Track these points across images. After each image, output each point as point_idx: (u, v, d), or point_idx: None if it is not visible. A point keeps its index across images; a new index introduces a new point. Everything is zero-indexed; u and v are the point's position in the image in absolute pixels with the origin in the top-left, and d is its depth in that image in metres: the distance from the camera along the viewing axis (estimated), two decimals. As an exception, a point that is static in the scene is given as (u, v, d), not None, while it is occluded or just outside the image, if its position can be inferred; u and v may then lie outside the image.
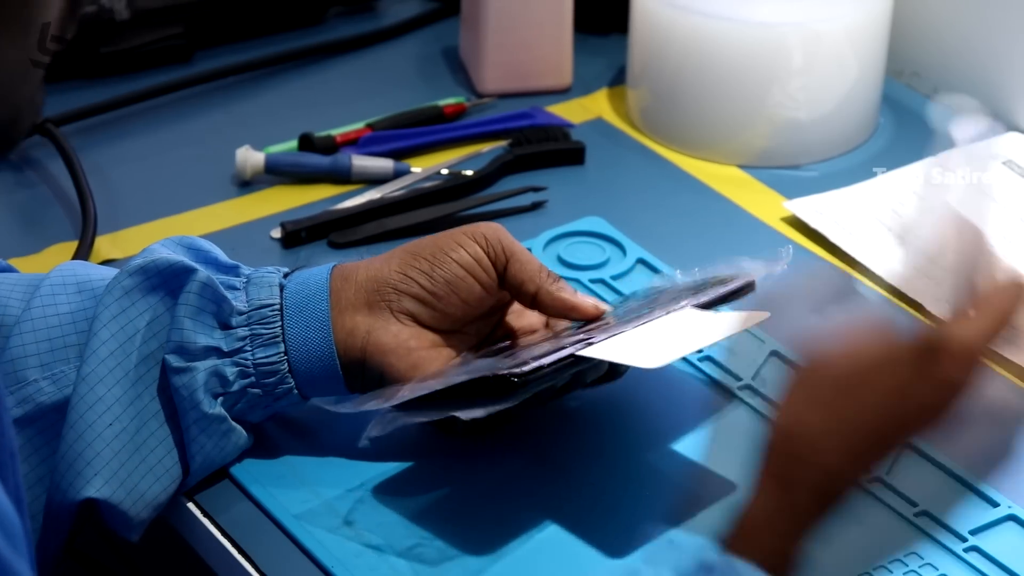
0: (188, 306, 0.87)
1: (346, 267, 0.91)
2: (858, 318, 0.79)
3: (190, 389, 0.87)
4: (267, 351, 0.88)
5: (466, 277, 0.89)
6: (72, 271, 0.90)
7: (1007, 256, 1.09)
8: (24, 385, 0.87)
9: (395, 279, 0.89)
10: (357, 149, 1.19)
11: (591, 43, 1.32)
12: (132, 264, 0.88)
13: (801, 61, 1.17)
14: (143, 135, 1.22)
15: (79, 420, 0.86)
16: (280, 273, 0.91)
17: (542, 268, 0.90)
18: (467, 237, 0.90)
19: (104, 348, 0.87)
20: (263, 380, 0.88)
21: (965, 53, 1.25)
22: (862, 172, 1.18)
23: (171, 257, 0.88)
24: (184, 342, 0.87)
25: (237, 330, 0.88)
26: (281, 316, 0.88)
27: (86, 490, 0.86)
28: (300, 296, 0.89)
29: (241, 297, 0.89)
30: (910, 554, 0.88)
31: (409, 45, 1.34)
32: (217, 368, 0.87)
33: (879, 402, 0.76)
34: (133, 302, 0.88)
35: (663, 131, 1.22)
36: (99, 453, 0.86)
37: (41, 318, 0.88)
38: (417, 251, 0.90)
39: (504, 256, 0.89)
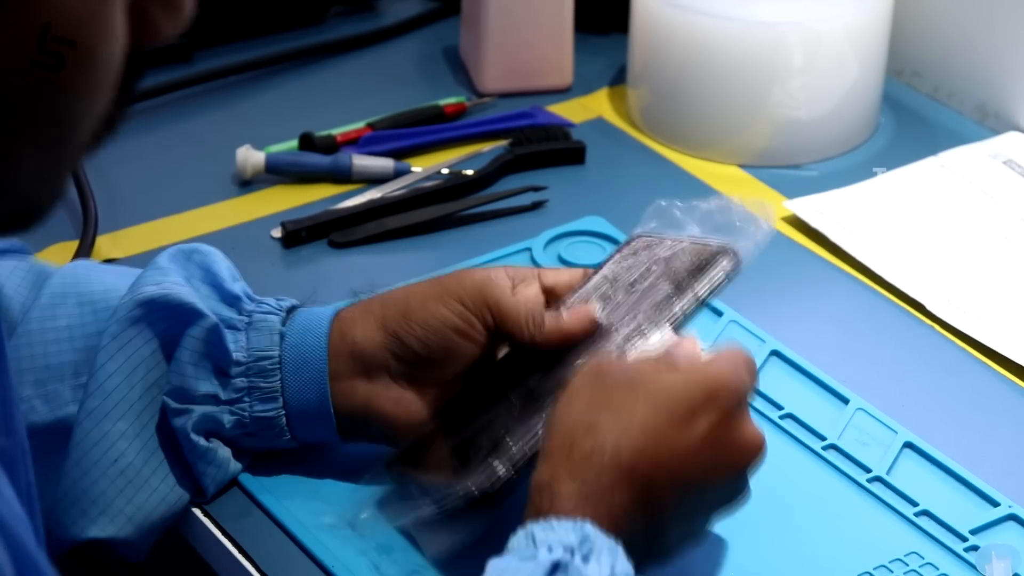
0: (192, 352, 0.86)
1: (343, 321, 0.88)
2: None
3: (186, 430, 0.86)
4: (265, 405, 0.87)
5: (455, 337, 0.87)
6: (74, 279, 0.89)
7: (1007, 256, 1.09)
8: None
9: (388, 343, 0.87)
10: (358, 148, 1.19)
11: (591, 42, 1.32)
12: (142, 293, 0.87)
13: (801, 60, 1.17)
14: (144, 134, 1.22)
15: (84, 457, 0.85)
16: (280, 314, 0.89)
17: (527, 317, 0.88)
18: (451, 297, 0.87)
19: (110, 382, 0.86)
20: (260, 431, 0.88)
21: (965, 52, 1.25)
22: (862, 172, 1.18)
23: (181, 295, 0.87)
24: (184, 387, 0.86)
25: (235, 380, 0.87)
26: (280, 369, 0.87)
27: (91, 530, 0.85)
28: (299, 350, 0.88)
29: (241, 341, 0.87)
30: (910, 553, 0.88)
31: (409, 44, 1.34)
32: (214, 414, 0.87)
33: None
34: (139, 332, 0.87)
35: (664, 130, 1.22)
36: (104, 492, 0.85)
37: (38, 331, 0.87)
38: (405, 311, 0.88)
39: (490, 315, 0.88)
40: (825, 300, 1.08)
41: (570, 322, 0.87)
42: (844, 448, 0.94)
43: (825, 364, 0.99)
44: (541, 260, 1.07)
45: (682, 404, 0.78)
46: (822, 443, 0.94)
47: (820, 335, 1.03)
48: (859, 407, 0.96)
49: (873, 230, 1.12)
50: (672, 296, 0.88)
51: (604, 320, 0.88)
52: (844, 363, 1.00)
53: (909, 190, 1.16)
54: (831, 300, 1.08)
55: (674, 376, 0.79)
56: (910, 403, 0.98)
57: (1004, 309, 1.05)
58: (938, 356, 1.02)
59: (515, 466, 0.83)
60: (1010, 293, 1.06)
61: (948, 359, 1.02)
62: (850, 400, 0.97)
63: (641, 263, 0.90)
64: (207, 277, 0.90)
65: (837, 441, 0.94)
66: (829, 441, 0.94)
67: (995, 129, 1.23)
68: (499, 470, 0.82)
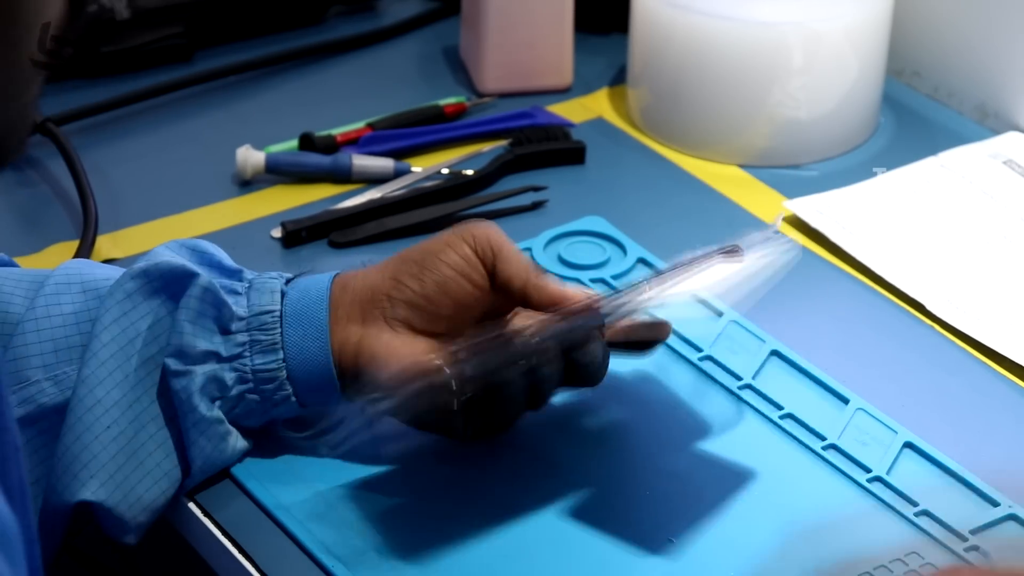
0: (189, 310, 0.87)
1: (346, 276, 0.91)
2: None
3: (188, 392, 0.87)
4: (266, 358, 0.88)
5: (456, 278, 0.89)
6: (77, 270, 0.90)
7: (1007, 256, 1.09)
8: (26, 385, 0.87)
9: (387, 286, 0.89)
10: (357, 148, 1.19)
11: (591, 42, 1.32)
12: (135, 267, 0.88)
13: (801, 60, 1.17)
14: (144, 134, 1.23)
15: (77, 422, 0.86)
16: (283, 279, 0.91)
17: (530, 264, 0.90)
18: (456, 237, 0.90)
19: (105, 351, 0.87)
20: (261, 386, 0.88)
21: (966, 52, 1.25)
22: (862, 171, 1.18)
23: (174, 261, 0.88)
24: (183, 346, 0.87)
25: (236, 335, 0.88)
26: (281, 323, 0.88)
27: (81, 493, 0.86)
28: (300, 304, 0.89)
29: (242, 302, 0.89)
30: (910, 554, 0.88)
31: (409, 44, 1.34)
32: (215, 372, 0.87)
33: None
34: (135, 305, 0.88)
35: (664, 130, 1.22)
36: (96, 456, 0.86)
37: (45, 318, 0.88)
38: (408, 256, 0.90)
39: (491, 253, 0.89)
40: (825, 300, 1.08)
41: (568, 289, 0.89)
42: (844, 448, 0.94)
43: (825, 364, 0.99)
44: (541, 260, 1.07)
45: None
46: (822, 443, 0.94)
47: (820, 335, 1.03)
48: (859, 407, 0.96)
49: (873, 230, 1.12)
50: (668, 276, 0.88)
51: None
52: (844, 363, 1.00)
53: (909, 190, 1.16)
54: (831, 300, 1.08)
55: None
56: (910, 403, 0.98)
57: (1004, 309, 1.05)
58: (938, 356, 1.02)
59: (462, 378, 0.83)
60: (1010, 293, 1.06)
61: (948, 359, 1.02)
62: (850, 400, 0.97)
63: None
64: (204, 259, 0.91)
65: (837, 441, 0.94)
66: (829, 441, 0.94)
67: (995, 129, 1.23)
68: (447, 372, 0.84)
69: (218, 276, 0.90)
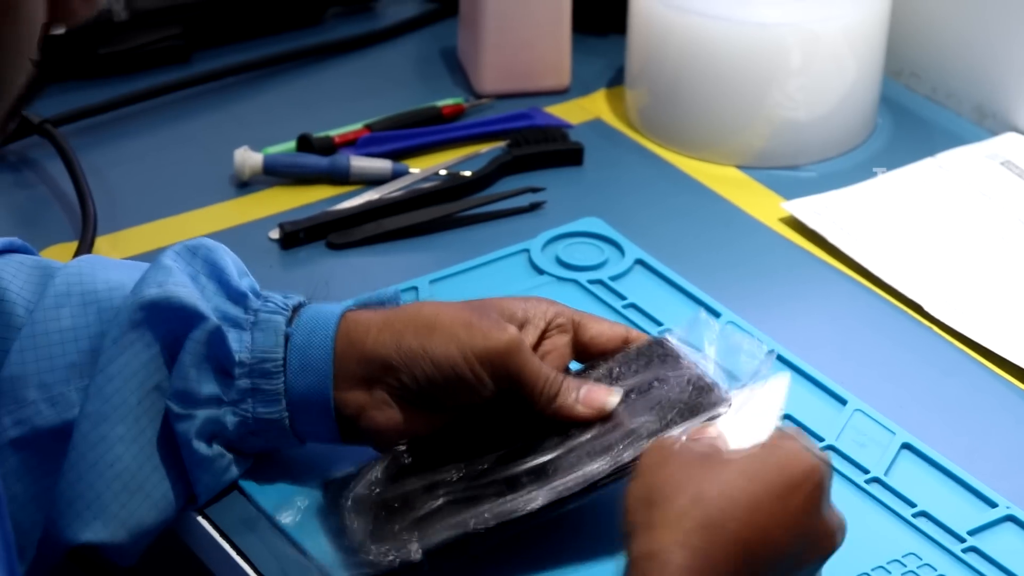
0: (193, 355, 0.86)
1: (352, 328, 0.87)
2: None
3: (188, 436, 0.86)
4: (268, 408, 0.87)
5: (468, 392, 0.87)
6: (79, 276, 0.89)
7: (1005, 257, 1.09)
8: (23, 406, 0.86)
9: (401, 367, 0.86)
10: (355, 150, 1.19)
11: (589, 44, 1.32)
12: (144, 296, 0.86)
13: (799, 61, 1.17)
14: (142, 136, 1.23)
15: (80, 460, 0.85)
16: (287, 313, 0.88)
17: (544, 385, 0.87)
18: (474, 358, 0.85)
19: (110, 386, 0.85)
20: (263, 431, 0.88)
21: (963, 53, 1.25)
22: (860, 172, 1.18)
23: (185, 298, 0.86)
24: (187, 390, 0.86)
25: (238, 381, 0.87)
26: (284, 370, 0.87)
27: (84, 534, 0.85)
28: (304, 353, 0.87)
29: (246, 341, 0.87)
30: (908, 554, 0.88)
31: (407, 46, 1.34)
32: (217, 416, 0.87)
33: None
34: (140, 335, 0.86)
35: (661, 132, 1.22)
36: (100, 495, 0.85)
37: (43, 333, 0.87)
38: (427, 346, 0.86)
39: (507, 378, 0.86)
40: (823, 301, 1.08)
41: (584, 410, 0.87)
42: (842, 449, 0.94)
43: (823, 365, 0.99)
44: (539, 261, 1.07)
45: (782, 478, 0.77)
46: (820, 444, 0.94)
47: (818, 336, 1.03)
48: (857, 408, 0.96)
49: (871, 231, 1.12)
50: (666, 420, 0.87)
51: (617, 413, 0.87)
52: (842, 364, 1.00)
53: (907, 191, 1.16)
54: (829, 301, 1.08)
55: (767, 452, 0.78)
56: (908, 404, 0.98)
57: (1002, 310, 1.05)
58: (936, 357, 1.02)
59: (428, 551, 0.83)
60: (1008, 294, 1.06)
61: (946, 360, 1.02)
62: (848, 401, 0.97)
63: (654, 372, 0.89)
64: (213, 272, 0.89)
65: (835, 442, 0.94)
66: (827, 442, 0.94)
67: (993, 130, 1.23)
68: (413, 551, 0.82)
69: (223, 299, 0.88)
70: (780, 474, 0.77)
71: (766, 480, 0.77)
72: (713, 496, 0.76)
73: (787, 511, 0.77)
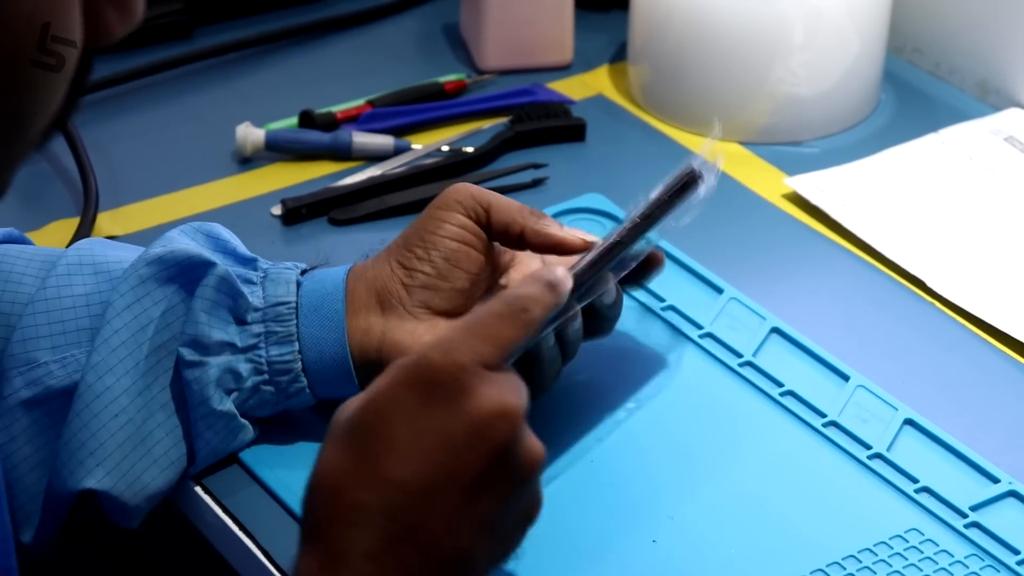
0: (205, 300, 0.86)
1: (357, 267, 0.90)
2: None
3: (201, 384, 0.86)
4: (281, 349, 0.87)
5: (461, 247, 0.89)
6: (90, 251, 0.90)
7: (1008, 233, 1.09)
8: (34, 367, 0.86)
9: (400, 275, 0.89)
10: (357, 126, 1.19)
11: (592, 19, 1.32)
12: (150, 253, 0.88)
13: (802, 37, 1.17)
14: (143, 111, 1.22)
15: (85, 409, 0.85)
16: (298, 270, 0.90)
17: (523, 208, 0.90)
18: (445, 207, 0.90)
19: (116, 337, 0.86)
20: (276, 378, 0.88)
21: (967, 29, 1.25)
22: (863, 148, 1.18)
23: (190, 249, 0.87)
24: (199, 336, 0.86)
25: (252, 326, 0.87)
26: (296, 314, 0.88)
27: (87, 480, 0.85)
28: (316, 295, 0.88)
29: (258, 292, 0.88)
30: (910, 530, 0.88)
31: (410, 21, 1.34)
32: (230, 364, 0.87)
33: (408, 448, 0.69)
34: (148, 291, 0.87)
35: (664, 108, 1.22)
36: (103, 444, 0.85)
37: (55, 299, 0.87)
38: (409, 240, 0.90)
39: (483, 209, 0.89)
40: (826, 277, 1.08)
41: (566, 232, 0.89)
42: (844, 425, 0.94)
43: (825, 341, 0.99)
44: (541, 237, 1.07)
45: (447, 448, 0.70)
46: (822, 420, 0.94)
47: (820, 312, 1.03)
48: (859, 384, 0.96)
49: (874, 207, 1.12)
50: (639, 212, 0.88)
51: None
52: (844, 340, 1.00)
53: (910, 167, 1.16)
54: (832, 277, 1.08)
55: (439, 415, 0.70)
56: (910, 380, 0.98)
57: (1004, 286, 1.05)
58: (938, 333, 1.02)
59: None
60: (1010, 270, 1.06)
61: (948, 336, 1.02)
62: (850, 377, 0.97)
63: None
64: (218, 245, 0.90)
65: (837, 418, 0.94)
66: (829, 418, 0.94)
67: (996, 106, 1.23)
68: None
69: (233, 264, 0.89)
70: (456, 446, 0.70)
71: (435, 458, 0.69)
72: (356, 481, 0.69)
73: (463, 482, 0.70)
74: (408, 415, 0.70)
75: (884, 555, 0.86)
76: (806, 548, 0.86)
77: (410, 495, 0.69)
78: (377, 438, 0.70)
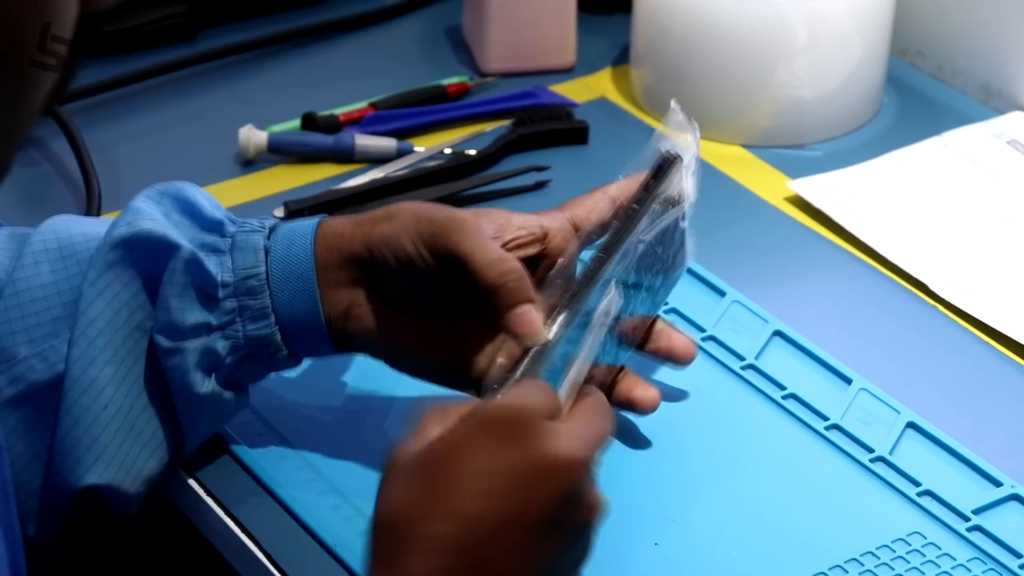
0: (174, 284, 0.85)
1: (329, 233, 0.88)
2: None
3: (181, 370, 0.86)
4: (257, 324, 0.87)
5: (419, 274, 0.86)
6: (54, 233, 0.89)
7: (1010, 236, 1.09)
8: (15, 363, 0.86)
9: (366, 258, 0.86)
10: (360, 128, 1.19)
11: (595, 22, 1.32)
12: (114, 234, 0.86)
13: (805, 40, 1.17)
14: (146, 114, 1.22)
15: (74, 405, 0.85)
16: (264, 231, 0.88)
17: (488, 259, 0.84)
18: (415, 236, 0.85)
19: (92, 328, 0.85)
20: (256, 351, 0.87)
21: (969, 32, 1.25)
22: (866, 152, 1.18)
23: (154, 229, 0.86)
24: (172, 321, 0.85)
25: (224, 303, 0.86)
26: (267, 284, 0.87)
27: (87, 477, 0.85)
28: (287, 264, 0.87)
29: (226, 263, 0.87)
30: (913, 533, 0.88)
31: (412, 24, 1.34)
32: (208, 344, 0.86)
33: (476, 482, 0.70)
34: (117, 275, 0.86)
35: (667, 110, 1.22)
36: (97, 438, 0.85)
37: (25, 290, 0.87)
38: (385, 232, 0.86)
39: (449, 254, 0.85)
40: (828, 280, 1.08)
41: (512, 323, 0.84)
42: (847, 428, 0.94)
43: (828, 344, 0.99)
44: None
45: (517, 487, 0.70)
46: (825, 423, 0.94)
47: (823, 315, 1.03)
48: (862, 387, 0.96)
49: (876, 210, 1.12)
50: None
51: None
52: (847, 343, 1.00)
53: (913, 170, 1.16)
54: (834, 280, 1.08)
55: (510, 455, 0.70)
56: (913, 383, 0.98)
57: (1007, 289, 1.05)
58: (941, 336, 1.02)
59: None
60: (1013, 273, 1.06)
61: (951, 339, 1.02)
62: (853, 380, 0.97)
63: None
64: (184, 208, 0.89)
65: (840, 421, 0.94)
66: (832, 421, 0.94)
67: (999, 109, 1.23)
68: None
69: (198, 231, 0.87)
70: (521, 484, 0.70)
71: (501, 493, 0.70)
72: (423, 512, 0.69)
73: (525, 524, 0.70)
74: (480, 453, 0.70)
75: (886, 558, 0.86)
76: (808, 551, 0.86)
77: (480, 530, 0.69)
78: (449, 473, 0.70)
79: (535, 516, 0.70)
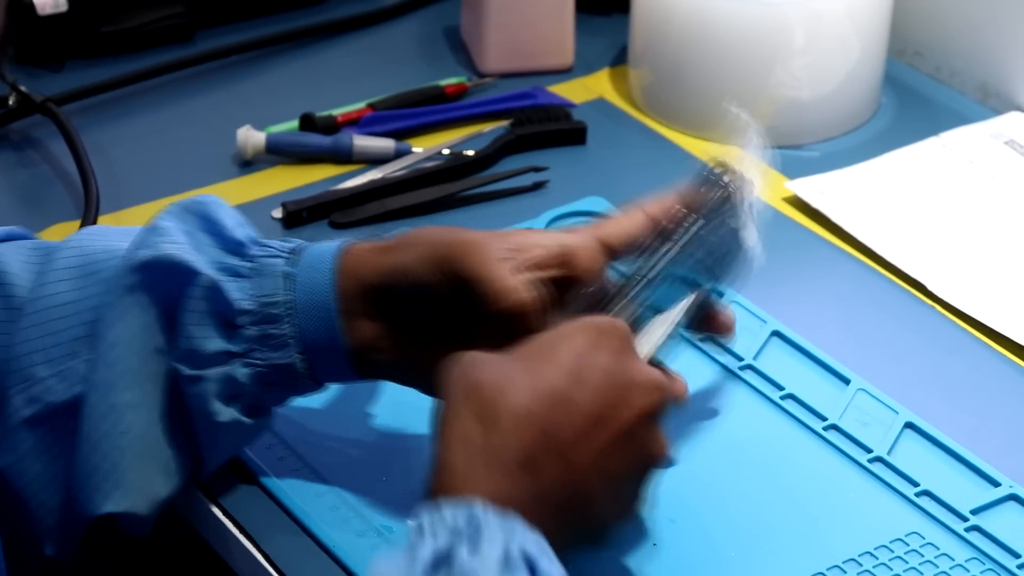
0: (194, 312, 0.84)
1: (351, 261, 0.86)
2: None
3: (202, 399, 0.85)
4: (278, 353, 0.85)
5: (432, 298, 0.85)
6: (79, 249, 0.88)
7: (1008, 236, 1.09)
8: (33, 384, 0.85)
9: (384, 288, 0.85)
10: (358, 129, 1.19)
11: (593, 22, 1.32)
12: (135, 259, 0.85)
13: (803, 40, 1.17)
14: (145, 114, 1.22)
15: (94, 430, 0.84)
16: (286, 255, 0.86)
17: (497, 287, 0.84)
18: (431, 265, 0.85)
19: (112, 352, 0.84)
20: (279, 378, 0.86)
21: (967, 33, 1.25)
22: (864, 152, 1.18)
23: (176, 255, 0.85)
24: (192, 349, 0.84)
25: (245, 330, 0.85)
26: (289, 313, 0.85)
27: (105, 505, 0.84)
28: (308, 292, 0.85)
29: (247, 288, 0.85)
30: (911, 533, 0.88)
31: (411, 24, 1.34)
32: (229, 372, 0.85)
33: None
34: (136, 299, 0.85)
35: (665, 111, 1.22)
36: (116, 464, 0.84)
37: (45, 309, 0.86)
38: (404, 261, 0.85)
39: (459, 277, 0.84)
40: (826, 280, 1.08)
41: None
42: (845, 428, 0.94)
43: (826, 344, 0.99)
44: (542, 240, 1.07)
45: (610, 386, 0.76)
46: (823, 423, 0.94)
47: (821, 315, 1.03)
48: (860, 387, 0.96)
49: (874, 210, 1.12)
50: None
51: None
52: (845, 343, 1.00)
53: (911, 170, 1.16)
54: (832, 280, 1.08)
55: (607, 358, 0.77)
56: (911, 383, 0.98)
57: (1005, 289, 1.05)
58: (939, 336, 1.02)
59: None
60: (1011, 273, 1.06)
61: (949, 339, 1.02)
62: (851, 380, 0.97)
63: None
64: (208, 226, 0.87)
65: (838, 421, 0.94)
66: (830, 421, 0.94)
67: (997, 109, 1.23)
68: None
69: (220, 251, 0.86)
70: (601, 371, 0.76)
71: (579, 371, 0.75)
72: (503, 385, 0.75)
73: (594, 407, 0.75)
74: (579, 349, 0.76)
75: (885, 558, 0.86)
76: (807, 551, 0.86)
77: (574, 418, 0.74)
78: (549, 359, 0.76)
79: (620, 422, 0.75)
